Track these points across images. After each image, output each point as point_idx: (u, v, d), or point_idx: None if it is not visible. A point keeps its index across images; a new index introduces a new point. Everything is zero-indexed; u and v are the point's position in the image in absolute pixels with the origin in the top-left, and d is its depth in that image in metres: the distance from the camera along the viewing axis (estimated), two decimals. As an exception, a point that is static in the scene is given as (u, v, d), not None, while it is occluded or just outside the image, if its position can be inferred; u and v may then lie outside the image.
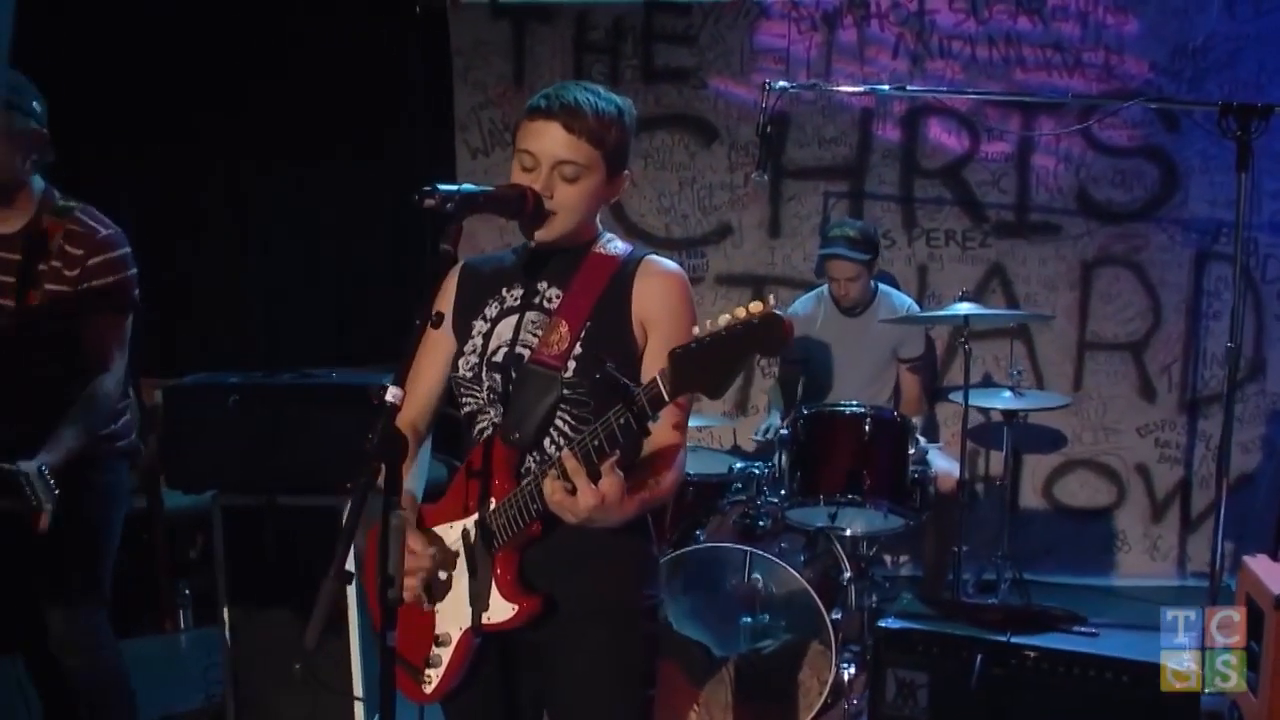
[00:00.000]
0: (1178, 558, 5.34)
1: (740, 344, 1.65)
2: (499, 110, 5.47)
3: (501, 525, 1.98)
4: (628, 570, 2.10)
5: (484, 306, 2.14)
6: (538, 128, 2.02)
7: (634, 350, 2.05)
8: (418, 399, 2.23)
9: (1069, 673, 2.95)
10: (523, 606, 1.98)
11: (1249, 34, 4.93)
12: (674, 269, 2.13)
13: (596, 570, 2.06)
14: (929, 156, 5.33)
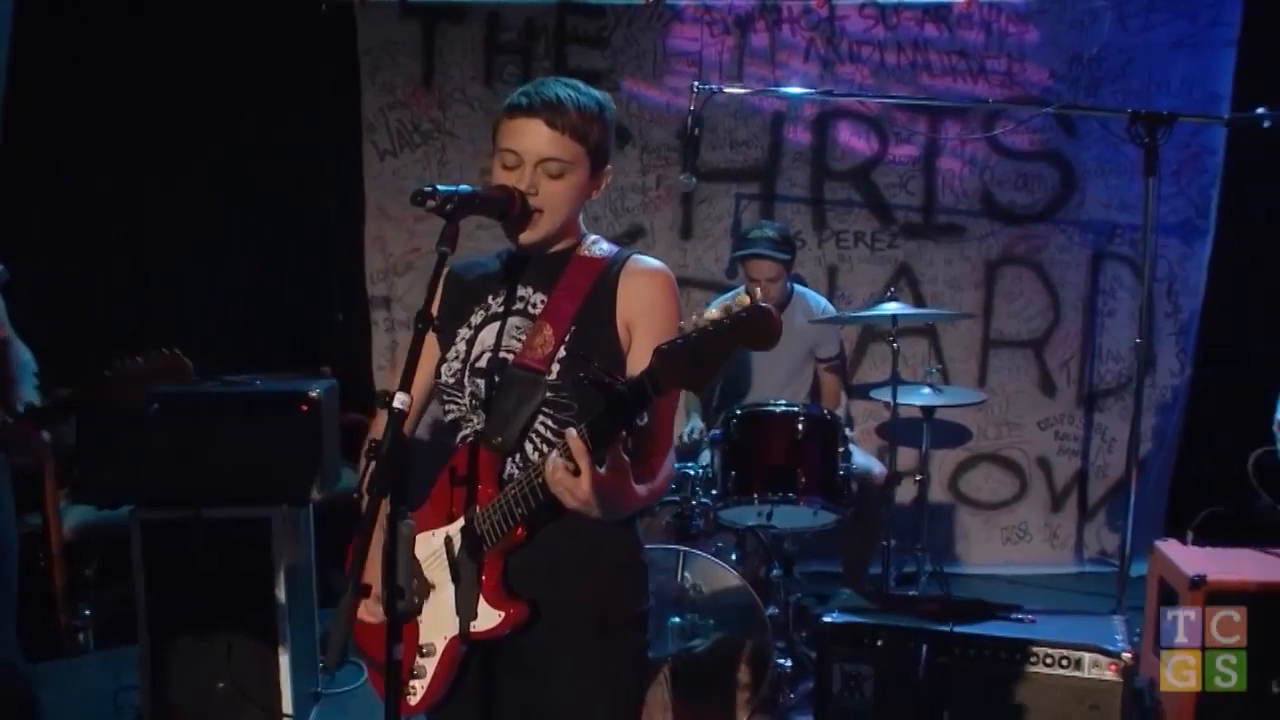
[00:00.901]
0: (1075, 545, 5.55)
1: (728, 339, 1.64)
2: (408, 111, 5.40)
3: (488, 530, 1.96)
4: (616, 577, 2.10)
5: (469, 313, 2.12)
6: (520, 125, 2.00)
7: (619, 351, 2.04)
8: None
9: (1010, 658, 3.04)
10: (509, 613, 1.96)
11: (1139, 45, 5.14)
12: (659, 267, 2.13)
13: (584, 577, 2.05)
14: (839, 159, 5.43)
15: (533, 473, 1.87)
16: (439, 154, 5.40)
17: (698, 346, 1.64)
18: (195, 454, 3.43)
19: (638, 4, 5.27)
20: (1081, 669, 2.98)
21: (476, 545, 1.96)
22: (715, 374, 1.66)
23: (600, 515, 1.85)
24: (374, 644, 2.09)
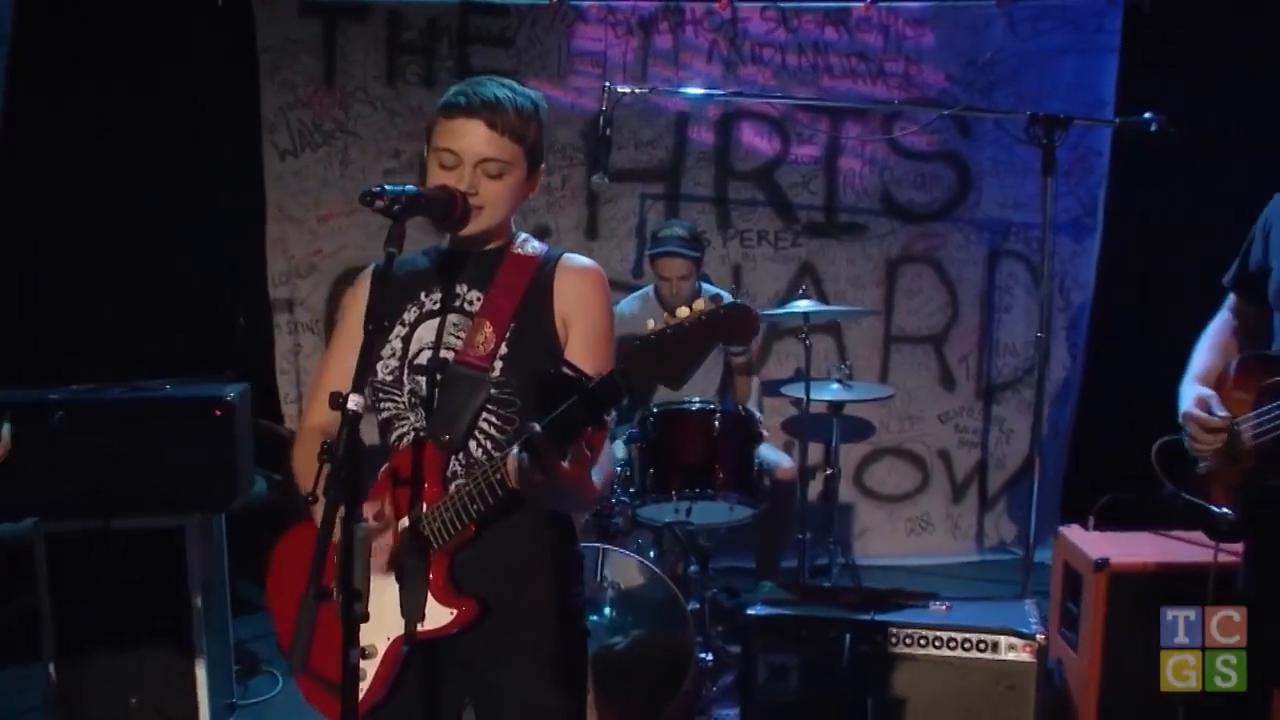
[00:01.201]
0: (976, 535, 5.71)
1: (706, 335, 1.68)
2: (309, 110, 5.32)
3: (437, 529, 1.95)
4: (557, 570, 2.11)
5: (401, 311, 2.10)
6: (459, 126, 2.00)
7: (558, 347, 2.07)
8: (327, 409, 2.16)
9: (930, 644, 3.12)
10: (461, 610, 1.96)
11: (1030, 51, 5.31)
12: (592, 265, 2.16)
13: (527, 571, 2.07)
14: (742, 159, 5.50)
15: (490, 469, 1.87)
16: (341, 154, 5.33)
17: (672, 343, 1.67)
18: (104, 462, 3.33)
19: (541, 4, 5.27)
20: (998, 651, 3.08)
21: (423, 545, 1.95)
22: (694, 368, 1.69)
23: (562, 507, 1.87)
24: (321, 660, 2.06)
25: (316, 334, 5.40)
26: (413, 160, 5.36)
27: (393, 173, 5.34)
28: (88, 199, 5.14)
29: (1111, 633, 3.60)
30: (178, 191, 5.16)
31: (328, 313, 5.39)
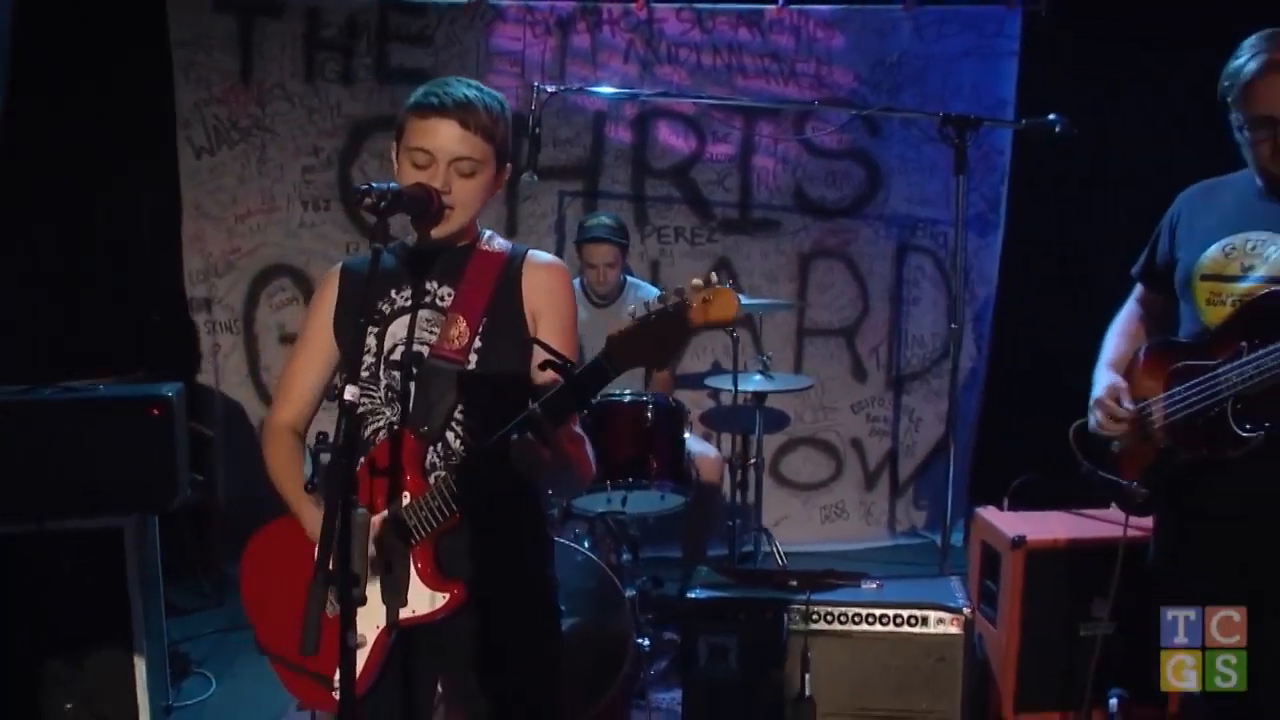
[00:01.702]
0: (889, 521, 5.91)
1: (690, 319, 1.78)
2: (225, 107, 5.28)
3: (424, 518, 2.01)
4: (533, 552, 2.20)
5: (377, 305, 2.15)
6: (431, 126, 2.06)
7: (528, 339, 2.13)
8: (297, 403, 2.23)
9: (863, 621, 3.27)
10: (453, 594, 2.03)
11: (935, 54, 5.50)
12: (557, 262, 2.25)
13: (505, 553, 2.15)
14: (659, 157, 5.60)
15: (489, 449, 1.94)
16: (259, 151, 5.30)
17: (655, 328, 1.75)
18: (37, 464, 3.30)
19: (460, 3, 5.31)
20: (928, 625, 3.23)
21: (406, 534, 2.01)
22: (679, 351, 1.78)
23: (560, 486, 1.95)
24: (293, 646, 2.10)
25: (235, 333, 5.37)
26: (331, 158, 5.36)
27: (311, 170, 5.34)
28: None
29: (1029, 607, 3.80)
30: (90, 188, 5.07)
31: (246, 311, 5.36)
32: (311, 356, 2.20)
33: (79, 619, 3.44)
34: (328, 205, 5.40)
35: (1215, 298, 2.66)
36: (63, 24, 4.97)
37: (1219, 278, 2.66)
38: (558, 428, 1.85)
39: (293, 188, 5.36)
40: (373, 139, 5.37)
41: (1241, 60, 2.51)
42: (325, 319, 2.18)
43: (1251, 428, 2.50)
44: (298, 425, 2.23)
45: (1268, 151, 2.50)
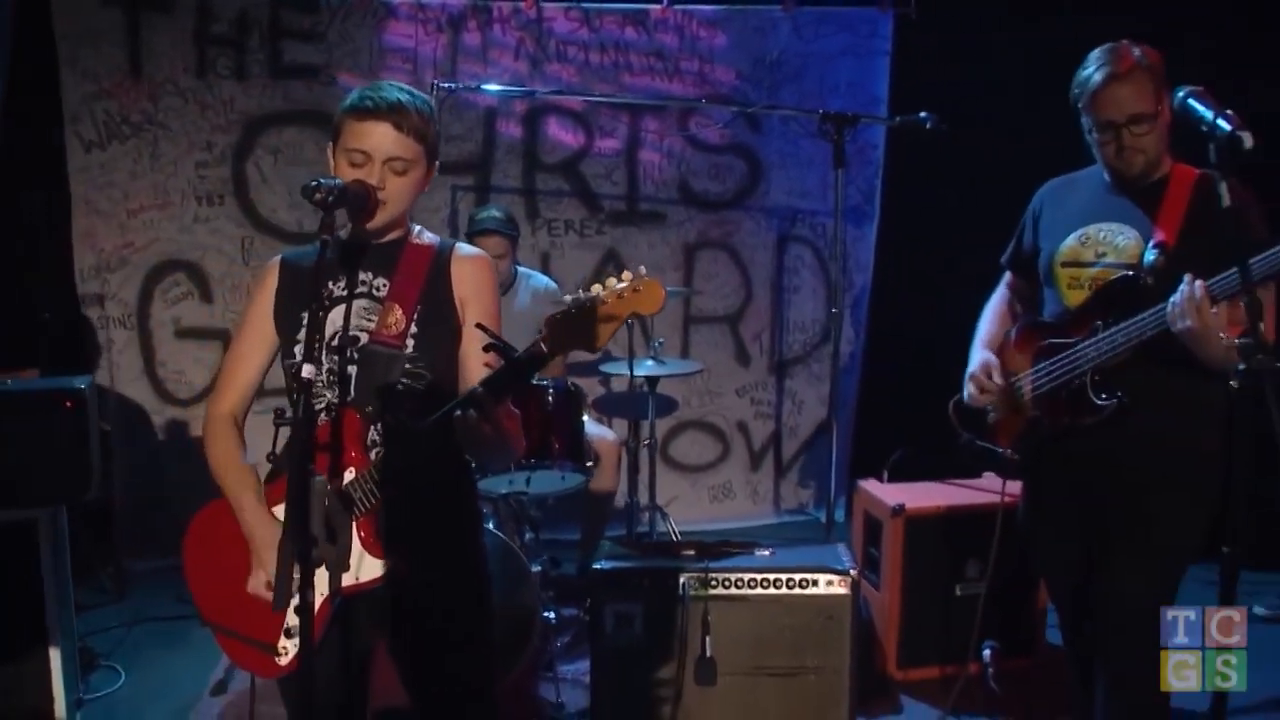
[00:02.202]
0: (774, 499, 6.18)
1: (621, 306, 1.99)
2: (115, 102, 5.25)
3: (368, 491, 2.16)
4: (466, 522, 2.38)
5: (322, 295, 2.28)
6: (367, 128, 2.21)
7: (459, 325, 2.32)
8: (238, 392, 2.36)
9: (758, 585, 3.49)
10: (401, 558, 2.19)
11: (813, 52, 5.77)
12: (482, 254, 2.43)
13: (442, 523, 2.33)
14: (549, 152, 5.76)
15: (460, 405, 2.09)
16: (151, 147, 5.30)
17: (589, 314, 1.94)
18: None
19: (352, 0, 5.38)
20: (818, 587, 3.47)
21: (350, 506, 2.16)
22: (609, 335, 1.97)
23: (495, 459, 2.12)
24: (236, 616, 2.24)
25: (129, 328, 5.36)
26: (225, 153, 5.39)
27: (204, 165, 5.35)
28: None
29: (909, 571, 4.10)
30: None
31: (140, 307, 5.35)
32: (253, 346, 2.34)
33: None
34: (222, 200, 5.42)
35: (1074, 282, 2.96)
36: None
37: (1076, 264, 2.96)
38: (498, 405, 2.02)
39: (186, 183, 5.36)
40: (266, 134, 5.42)
41: (1089, 71, 2.80)
42: (266, 309, 2.32)
43: (1106, 397, 2.80)
44: (238, 414, 2.36)
45: (1112, 151, 2.81)
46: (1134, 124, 2.76)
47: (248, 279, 5.45)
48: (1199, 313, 2.55)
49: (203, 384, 5.49)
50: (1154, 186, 2.86)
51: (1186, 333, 2.59)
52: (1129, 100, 2.75)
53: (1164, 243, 2.79)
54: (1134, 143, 2.78)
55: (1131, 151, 2.80)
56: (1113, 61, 2.77)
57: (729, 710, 3.46)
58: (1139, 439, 2.81)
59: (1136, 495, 2.84)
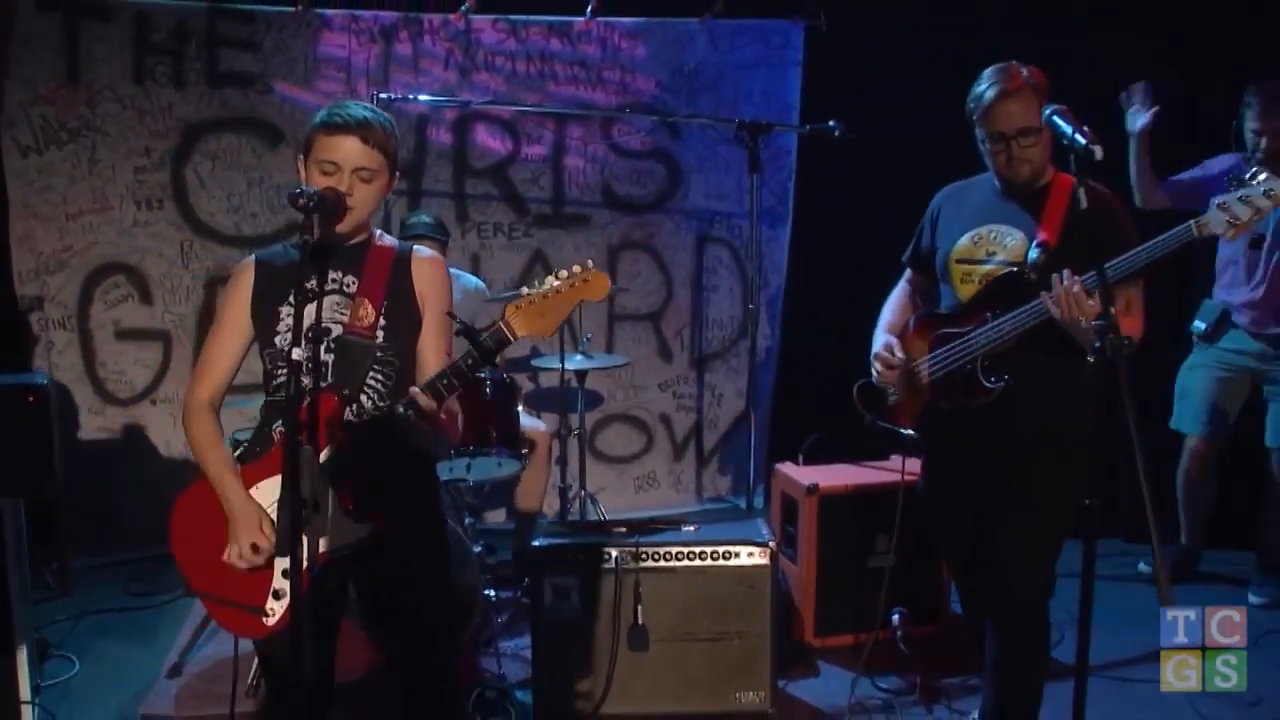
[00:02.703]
0: (696, 488, 6.49)
1: (572, 295, 2.29)
2: (52, 107, 5.37)
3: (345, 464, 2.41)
4: (429, 491, 2.68)
5: (286, 294, 2.54)
6: (337, 141, 2.47)
7: (419, 317, 2.61)
8: (216, 380, 2.61)
9: (685, 558, 3.80)
10: (376, 523, 2.46)
11: (728, 63, 6.09)
12: (437, 256, 2.74)
13: (409, 492, 2.62)
14: (478, 158, 6.01)
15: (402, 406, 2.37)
16: (90, 152, 5.43)
17: (549, 303, 2.24)
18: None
19: (288, 11, 5.57)
20: (739, 558, 3.79)
21: (329, 477, 2.41)
22: (561, 320, 2.26)
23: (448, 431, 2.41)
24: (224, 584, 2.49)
25: (69, 329, 5.48)
26: (164, 158, 5.54)
27: (143, 170, 5.51)
28: None
29: (823, 545, 4.44)
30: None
31: (80, 309, 5.49)
32: (229, 339, 2.59)
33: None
34: (161, 204, 5.58)
35: (967, 277, 3.31)
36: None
37: (969, 261, 3.31)
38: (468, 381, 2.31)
39: (125, 188, 5.51)
40: (204, 140, 5.59)
41: (982, 88, 3.15)
42: (243, 305, 2.57)
43: (995, 380, 3.15)
44: (215, 401, 2.61)
45: (1003, 161, 3.17)
46: (1021, 136, 3.11)
47: (187, 281, 5.63)
48: (1075, 303, 2.90)
49: (143, 383, 5.65)
50: (1038, 193, 3.22)
51: (1065, 320, 2.94)
52: (1018, 115, 3.10)
53: (1046, 242, 3.14)
54: (1021, 153, 3.14)
55: (1019, 161, 3.15)
56: (1003, 80, 3.12)
57: (661, 674, 3.77)
58: (1024, 417, 3.16)
59: (1021, 469, 3.19)
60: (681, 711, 3.79)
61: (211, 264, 5.68)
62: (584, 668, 3.78)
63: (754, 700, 3.80)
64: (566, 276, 2.34)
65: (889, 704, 3.98)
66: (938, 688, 4.03)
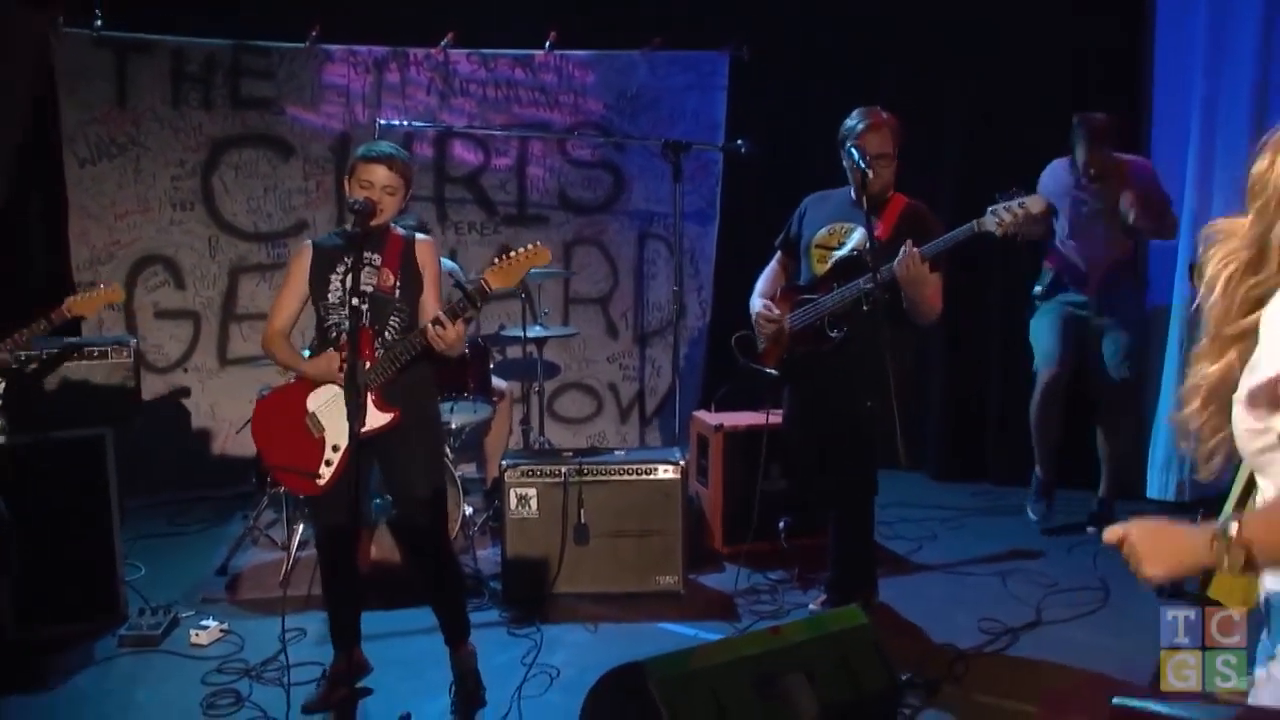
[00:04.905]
0: (640, 445, 7.65)
1: (526, 262, 3.50)
2: (104, 127, 6.51)
3: (377, 373, 3.64)
4: (430, 396, 3.90)
5: (336, 266, 3.75)
6: (372, 168, 3.68)
7: (421, 282, 3.80)
8: (284, 320, 3.86)
9: (616, 472, 5.00)
10: (395, 415, 3.67)
11: (665, 87, 7.26)
12: (431, 240, 3.91)
13: (418, 396, 3.82)
14: (455, 168, 7.17)
15: (414, 336, 3.57)
16: (134, 164, 6.57)
17: (509, 267, 3.45)
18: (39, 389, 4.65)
19: (299, 47, 6.73)
20: (658, 473, 5.00)
21: (366, 382, 3.61)
22: (519, 278, 3.48)
23: (454, 353, 3.60)
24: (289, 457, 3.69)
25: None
26: (195, 168, 6.68)
27: (178, 178, 6.65)
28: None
29: (728, 472, 5.63)
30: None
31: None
32: (292, 296, 3.82)
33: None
34: (192, 206, 6.73)
35: (822, 259, 4.54)
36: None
37: (824, 247, 4.54)
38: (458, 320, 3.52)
39: (163, 193, 6.66)
40: (229, 154, 6.75)
41: (854, 122, 4.40)
42: (303, 274, 3.78)
43: (836, 332, 4.38)
44: (284, 331, 3.83)
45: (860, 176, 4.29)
46: (879, 160, 4.33)
47: (214, 270, 6.80)
48: (913, 261, 4.11)
49: (177, 355, 6.80)
50: (880, 202, 4.44)
51: (905, 278, 4.13)
52: (878, 143, 4.34)
53: (879, 238, 4.36)
54: (877, 170, 4.33)
55: (875, 177, 4.32)
56: (869, 117, 4.39)
57: (599, 562, 4.98)
58: (856, 359, 4.37)
59: (852, 399, 4.40)
60: (615, 591, 4.99)
61: (234, 256, 6.84)
62: (540, 557, 4.98)
63: (670, 583, 5.02)
64: (523, 250, 3.58)
65: (773, 587, 5.19)
66: (811, 577, 5.21)
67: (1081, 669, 4.26)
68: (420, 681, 4.17)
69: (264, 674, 4.23)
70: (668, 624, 4.77)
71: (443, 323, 3.56)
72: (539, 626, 4.68)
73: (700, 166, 7.33)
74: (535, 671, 4.24)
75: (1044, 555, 5.62)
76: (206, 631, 4.55)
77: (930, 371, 7.24)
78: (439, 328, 3.55)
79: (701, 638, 4.55)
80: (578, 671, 4.20)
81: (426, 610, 4.15)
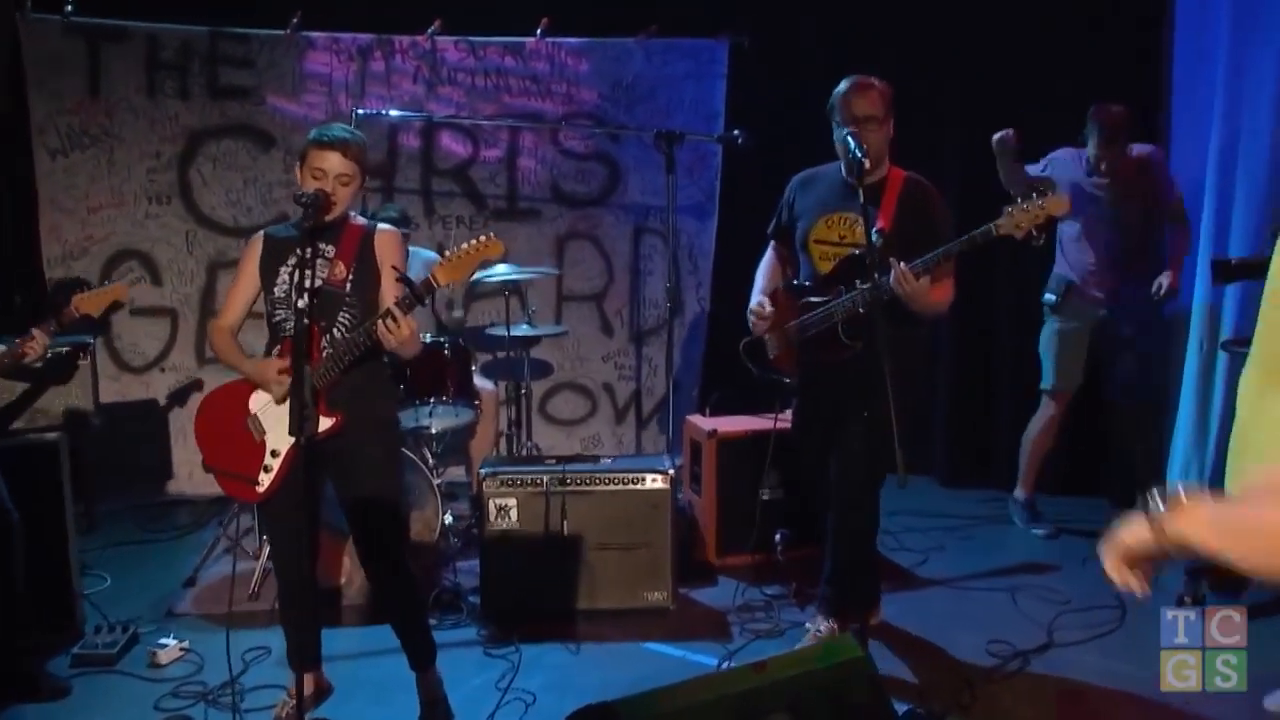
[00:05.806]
0: (635, 448, 7.39)
1: (480, 254, 3.23)
2: (77, 118, 6.27)
3: (321, 374, 3.37)
4: (384, 399, 3.64)
5: (286, 257, 3.48)
6: (324, 154, 3.40)
7: (379, 276, 3.52)
8: (234, 316, 3.61)
9: (602, 481, 4.73)
10: (337, 419, 3.41)
11: (661, 76, 6.99)
12: (393, 230, 3.66)
13: (368, 398, 3.54)
14: (442, 160, 6.91)
15: (361, 332, 3.31)
16: (108, 155, 6.33)
17: (459, 261, 3.19)
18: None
19: (279, 33, 6.47)
20: (645, 483, 4.73)
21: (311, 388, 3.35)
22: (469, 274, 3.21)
23: (407, 352, 3.33)
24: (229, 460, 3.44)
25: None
26: (171, 161, 6.44)
27: (154, 170, 6.41)
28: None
29: (722, 480, 5.37)
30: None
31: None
32: (244, 289, 3.57)
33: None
34: (169, 200, 6.48)
35: (823, 255, 4.25)
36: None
37: (824, 242, 4.25)
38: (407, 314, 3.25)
39: (138, 186, 6.41)
40: (206, 145, 6.50)
41: (841, 87, 4.11)
42: (254, 266, 3.52)
43: (852, 339, 4.07)
44: (233, 328, 3.58)
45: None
46: (867, 122, 4.03)
47: (191, 265, 6.55)
48: (906, 279, 3.82)
49: (154, 353, 6.56)
50: (877, 185, 4.13)
51: (905, 295, 3.86)
52: (864, 105, 4.04)
53: (882, 229, 4.07)
54: (866, 137, 4.00)
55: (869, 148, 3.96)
56: (857, 81, 4.09)
57: (583, 576, 4.72)
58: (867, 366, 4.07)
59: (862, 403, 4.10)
60: (599, 607, 4.73)
61: (213, 251, 6.59)
62: (520, 572, 4.71)
63: (659, 599, 4.75)
64: (473, 243, 3.30)
65: (769, 604, 4.92)
66: (810, 592, 4.92)
67: (1095, 698, 3.98)
68: (388, 708, 3.92)
69: (219, 699, 3.97)
70: (654, 644, 4.50)
71: (395, 317, 3.28)
72: (517, 646, 4.41)
73: (698, 159, 7.06)
74: (510, 698, 3.98)
75: (1056, 569, 5.33)
76: (166, 650, 4.31)
77: (938, 372, 6.96)
78: (390, 322, 3.28)
79: (689, 659, 4.30)
80: (555, 697, 3.94)
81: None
